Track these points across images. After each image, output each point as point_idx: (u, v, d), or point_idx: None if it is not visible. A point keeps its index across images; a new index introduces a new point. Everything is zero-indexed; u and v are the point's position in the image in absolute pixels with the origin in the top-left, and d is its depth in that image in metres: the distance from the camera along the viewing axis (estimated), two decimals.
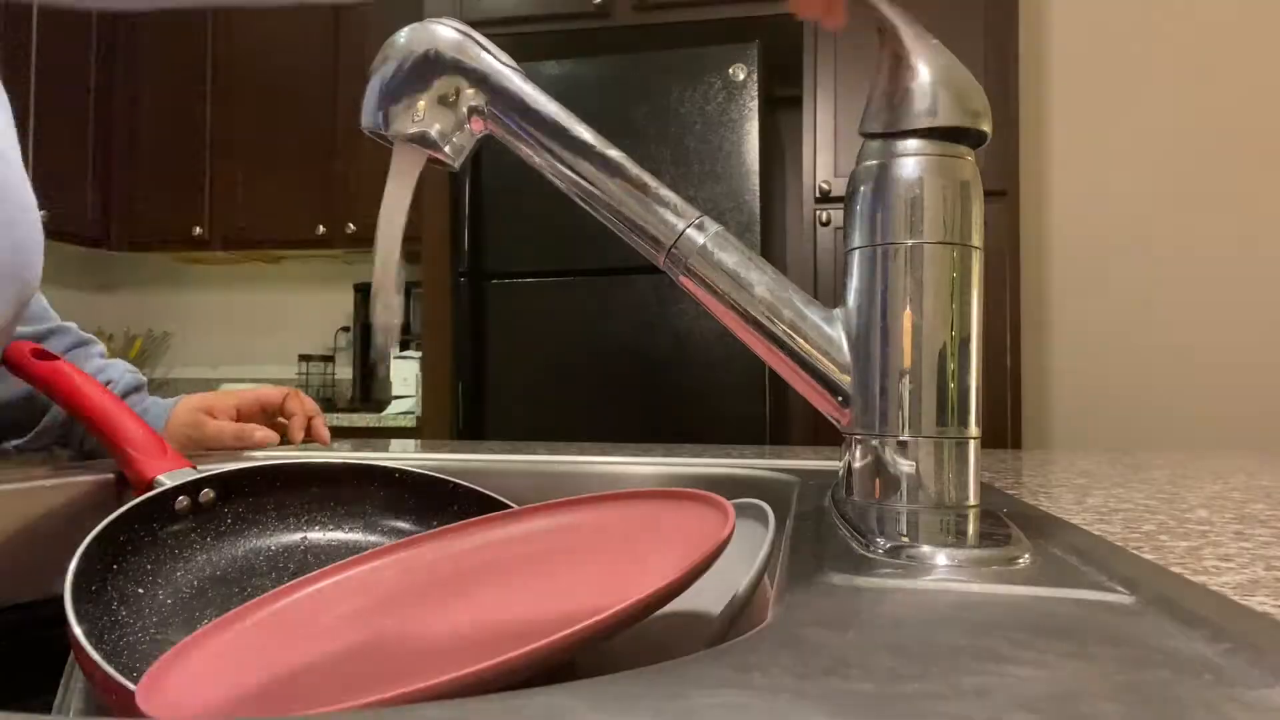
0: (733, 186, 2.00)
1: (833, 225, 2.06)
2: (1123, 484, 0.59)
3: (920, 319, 0.38)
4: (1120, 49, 2.27)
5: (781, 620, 0.23)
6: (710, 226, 0.41)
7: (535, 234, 2.09)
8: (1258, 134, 2.20)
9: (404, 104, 0.43)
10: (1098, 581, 0.27)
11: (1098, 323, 2.27)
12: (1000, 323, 1.96)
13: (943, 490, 0.38)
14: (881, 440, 0.38)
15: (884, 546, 0.31)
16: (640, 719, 0.16)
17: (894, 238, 0.38)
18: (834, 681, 0.18)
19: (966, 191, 0.38)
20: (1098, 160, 2.28)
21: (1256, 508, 0.47)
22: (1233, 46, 2.22)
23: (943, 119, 0.37)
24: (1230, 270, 2.21)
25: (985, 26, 1.97)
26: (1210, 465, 0.74)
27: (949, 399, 0.38)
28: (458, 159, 0.45)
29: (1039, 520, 0.39)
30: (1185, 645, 0.21)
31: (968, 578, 0.28)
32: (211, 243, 3.01)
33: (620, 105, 2.06)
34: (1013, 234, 1.98)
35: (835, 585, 0.27)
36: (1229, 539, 0.37)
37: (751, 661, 0.19)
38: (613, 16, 2.14)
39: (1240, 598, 0.26)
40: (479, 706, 0.17)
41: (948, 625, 0.23)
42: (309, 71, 2.87)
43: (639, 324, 2.04)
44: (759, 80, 2.00)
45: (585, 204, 0.43)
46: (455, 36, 0.44)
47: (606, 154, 0.43)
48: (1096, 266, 2.28)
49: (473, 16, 2.18)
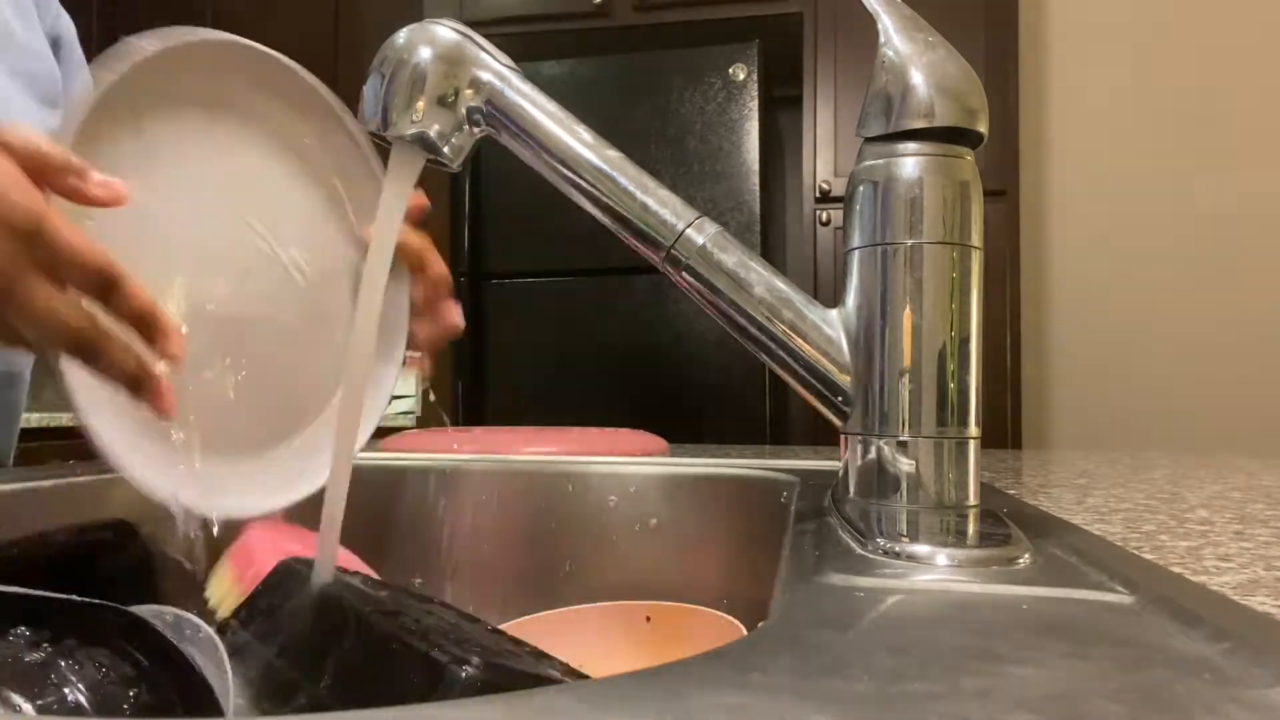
0: (733, 186, 2.00)
1: (833, 225, 2.06)
2: (1123, 484, 0.59)
3: (920, 319, 0.38)
4: (1120, 49, 2.27)
5: (781, 620, 0.23)
6: (709, 227, 0.41)
7: (535, 234, 2.09)
8: (1258, 134, 2.20)
9: (403, 105, 0.43)
10: (1098, 581, 0.27)
11: (1098, 323, 2.27)
12: (1000, 323, 1.96)
13: (943, 490, 0.38)
14: (881, 440, 0.38)
15: (884, 546, 0.31)
16: (640, 719, 0.16)
17: (894, 238, 0.38)
18: (834, 681, 0.18)
19: (966, 191, 0.38)
20: (1098, 160, 2.28)
21: (1256, 508, 0.47)
22: (1233, 46, 2.22)
23: (940, 119, 0.37)
24: (1231, 270, 2.21)
25: (985, 26, 1.97)
26: (1210, 465, 0.74)
27: (949, 399, 0.38)
28: (457, 160, 0.45)
29: (1039, 520, 0.39)
30: (1185, 645, 0.21)
31: (968, 578, 0.28)
32: None
33: (620, 105, 2.06)
34: (1013, 234, 1.98)
35: (835, 585, 0.27)
36: (1229, 539, 0.37)
37: (751, 661, 0.19)
38: (613, 16, 2.14)
39: (1240, 598, 0.26)
40: (479, 706, 0.17)
41: (948, 625, 0.23)
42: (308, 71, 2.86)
43: (639, 324, 2.04)
44: (759, 80, 2.00)
45: (584, 205, 0.43)
46: (454, 37, 0.44)
47: (606, 154, 0.43)
48: (1096, 266, 2.28)
49: (473, 16, 2.18)
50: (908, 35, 0.38)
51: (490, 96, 0.44)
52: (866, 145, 0.40)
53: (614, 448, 0.72)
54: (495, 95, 0.44)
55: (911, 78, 0.37)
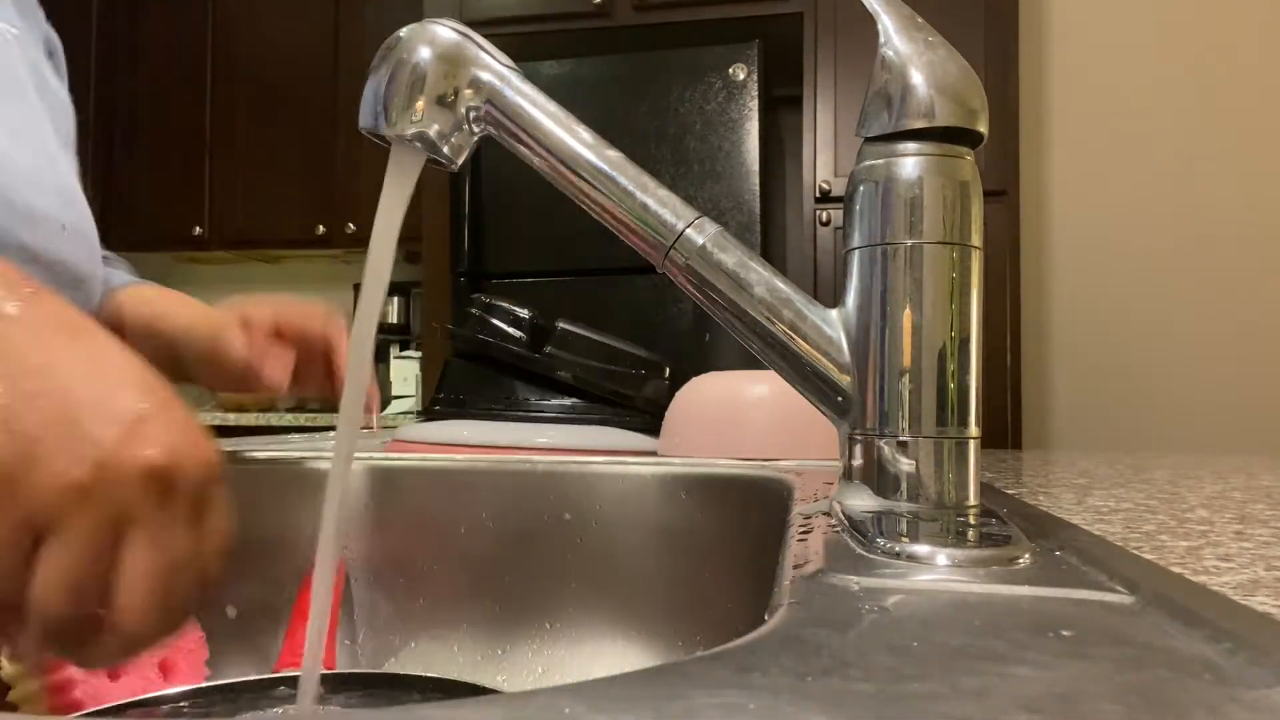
0: (733, 186, 2.00)
1: (833, 225, 2.06)
2: (1123, 484, 0.59)
3: (920, 319, 0.38)
4: (1120, 49, 2.27)
5: (781, 620, 0.23)
6: (709, 227, 0.41)
7: (535, 234, 2.09)
8: (1259, 133, 2.20)
9: (402, 104, 0.43)
10: (1098, 581, 0.27)
11: (1098, 323, 2.27)
12: (1000, 323, 1.96)
13: (943, 490, 0.38)
14: (881, 440, 0.38)
15: (884, 546, 0.31)
16: (640, 719, 0.16)
17: (894, 238, 0.38)
18: (834, 681, 0.18)
19: (966, 191, 0.38)
20: (1098, 160, 2.28)
21: (1257, 508, 0.47)
22: (1234, 46, 2.22)
23: (940, 119, 0.37)
24: (1231, 270, 2.21)
25: (985, 26, 1.97)
26: (1210, 465, 0.74)
27: (949, 399, 0.38)
28: (456, 159, 0.45)
29: (1039, 520, 0.39)
30: (1185, 645, 0.21)
31: (968, 578, 0.28)
32: (211, 243, 3.00)
33: (620, 105, 2.06)
34: (1013, 234, 1.98)
35: (835, 585, 0.27)
36: (1229, 539, 0.37)
37: (751, 661, 0.19)
38: (613, 16, 2.14)
39: (1240, 598, 0.26)
40: (479, 706, 0.17)
41: (948, 625, 0.23)
42: (309, 72, 2.87)
43: (639, 324, 2.04)
44: (759, 80, 2.00)
45: (584, 205, 0.43)
46: (454, 37, 0.44)
47: (606, 154, 0.43)
48: (1096, 266, 2.28)
49: (473, 16, 2.18)
50: (908, 35, 0.38)
51: (490, 96, 0.44)
52: (866, 145, 0.40)
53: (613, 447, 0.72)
54: (495, 95, 0.44)
55: (911, 78, 0.37)
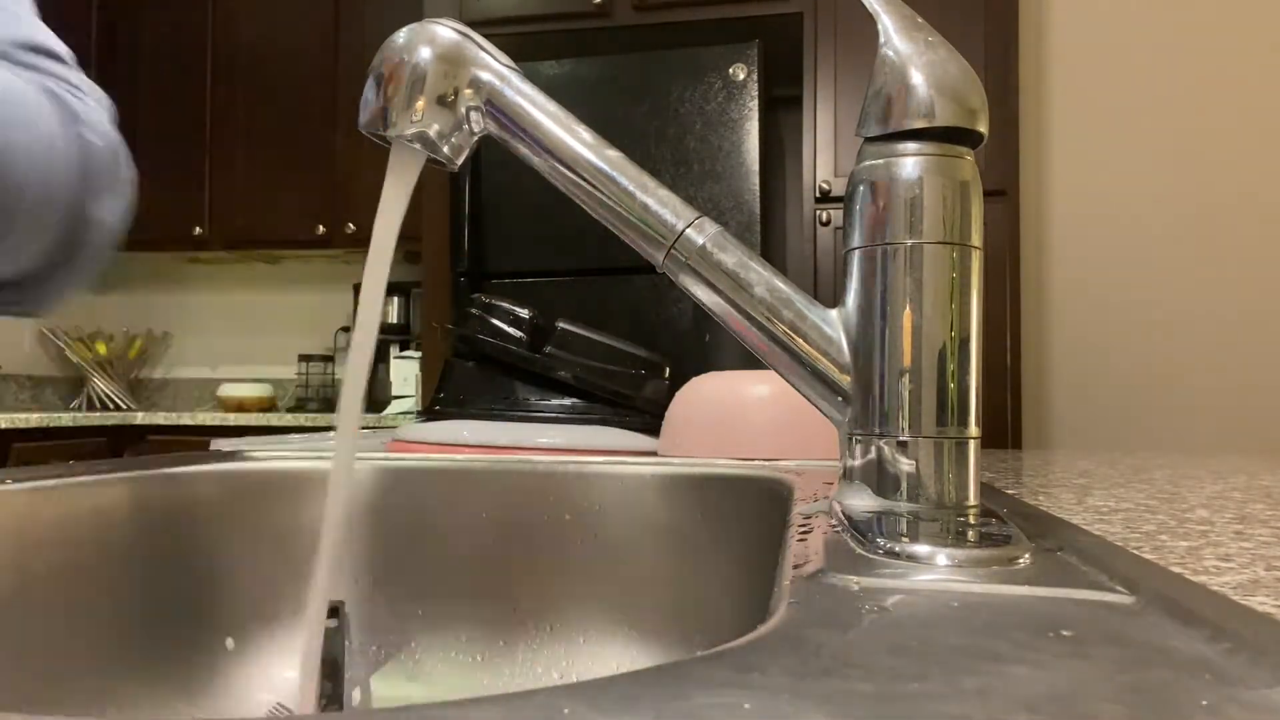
0: (733, 186, 2.00)
1: (833, 225, 2.06)
2: (1123, 484, 0.59)
3: (920, 319, 0.38)
4: (1121, 49, 2.27)
5: (781, 620, 0.23)
6: (709, 227, 0.41)
7: (535, 234, 2.09)
8: (1259, 133, 2.20)
9: (403, 105, 0.43)
10: (1098, 581, 0.27)
11: (1098, 322, 2.27)
12: (1000, 323, 1.96)
13: (943, 490, 0.38)
14: (881, 440, 0.38)
15: (884, 546, 0.31)
16: (640, 719, 0.16)
17: (894, 238, 0.38)
18: (834, 681, 0.18)
19: (966, 191, 0.38)
20: (1098, 160, 2.28)
21: (1257, 508, 0.47)
22: (1235, 46, 2.22)
23: (940, 119, 0.37)
24: (1231, 270, 2.21)
25: (985, 26, 1.97)
26: (1210, 465, 0.74)
27: (949, 399, 0.38)
28: (456, 159, 0.45)
29: (1039, 520, 0.39)
30: (1185, 645, 0.21)
31: (968, 578, 0.28)
32: (211, 243, 3.01)
33: (620, 105, 2.06)
34: (1013, 234, 1.98)
35: (835, 585, 0.27)
36: (1229, 539, 0.37)
37: (751, 661, 0.19)
38: (613, 16, 2.14)
39: (1241, 598, 0.26)
40: (479, 706, 0.17)
41: (948, 625, 0.23)
42: (309, 71, 2.87)
43: (639, 324, 2.04)
44: (759, 80, 2.00)
45: (584, 204, 0.43)
46: (454, 37, 0.44)
47: (605, 154, 0.43)
48: (1096, 266, 2.28)
49: (473, 16, 2.18)
50: (907, 35, 0.38)
51: (490, 96, 0.44)
52: (866, 145, 0.40)
53: (613, 447, 0.72)
54: (495, 95, 0.44)
55: (911, 78, 0.37)
